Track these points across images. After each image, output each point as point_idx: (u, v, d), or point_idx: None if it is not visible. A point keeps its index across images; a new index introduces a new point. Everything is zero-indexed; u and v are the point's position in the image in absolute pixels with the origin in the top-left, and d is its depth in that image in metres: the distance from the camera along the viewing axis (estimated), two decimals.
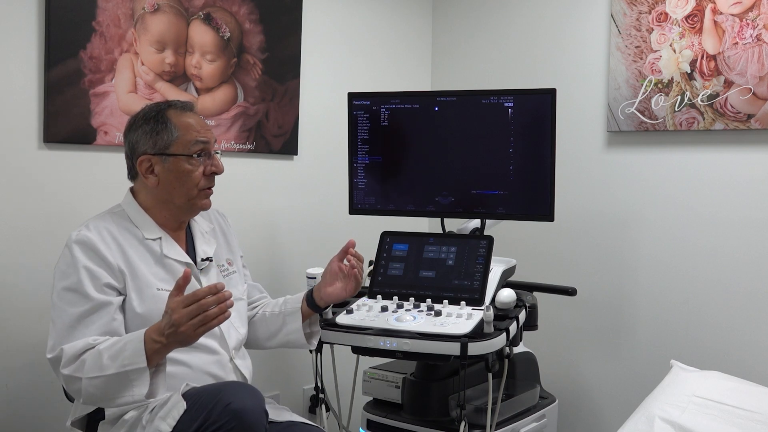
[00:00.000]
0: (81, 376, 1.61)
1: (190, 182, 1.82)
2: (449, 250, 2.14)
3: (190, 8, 2.39)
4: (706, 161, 2.41)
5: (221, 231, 2.04)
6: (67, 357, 1.63)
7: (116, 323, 1.71)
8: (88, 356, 1.63)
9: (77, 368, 1.62)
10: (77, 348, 1.64)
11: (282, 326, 2.03)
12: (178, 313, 1.55)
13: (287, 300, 2.07)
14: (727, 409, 1.92)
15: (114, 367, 1.59)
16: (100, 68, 2.20)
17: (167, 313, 1.57)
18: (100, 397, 1.64)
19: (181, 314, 1.54)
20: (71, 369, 1.63)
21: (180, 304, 1.55)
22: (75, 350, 1.64)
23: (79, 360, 1.63)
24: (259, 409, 1.60)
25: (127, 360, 1.58)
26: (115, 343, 1.63)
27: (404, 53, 3.07)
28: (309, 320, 2.04)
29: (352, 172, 2.35)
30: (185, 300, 1.55)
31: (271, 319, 2.05)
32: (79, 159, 2.20)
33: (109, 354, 1.61)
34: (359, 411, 2.31)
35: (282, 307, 2.05)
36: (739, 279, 2.35)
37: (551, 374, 2.64)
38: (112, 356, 1.60)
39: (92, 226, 1.77)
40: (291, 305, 2.04)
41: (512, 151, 2.17)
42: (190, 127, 1.82)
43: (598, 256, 2.65)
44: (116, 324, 1.71)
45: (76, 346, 1.64)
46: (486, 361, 1.96)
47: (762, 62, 2.25)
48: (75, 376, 1.62)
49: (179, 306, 1.55)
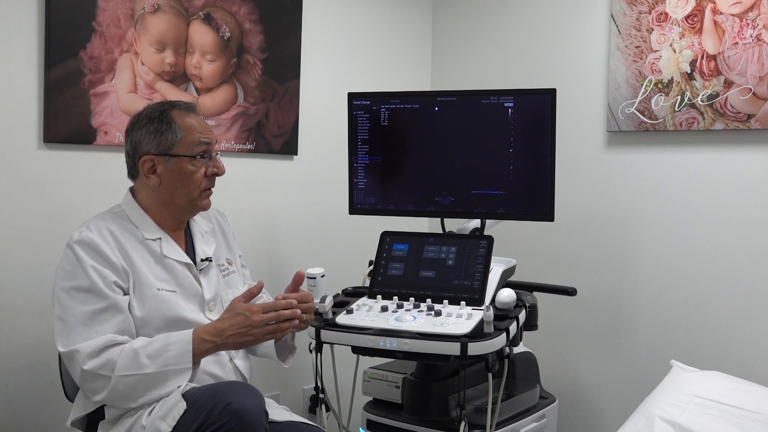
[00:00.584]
0: (110, 374, 1.63)
1: (192, 183, 1.82)
2: (449, 250, 2.15)
3: (190, 8, 2.39)
4: (706, 161, 2.41)
5: (221, 231, 2.04)
6: (87, 352, 1.64)
7: (130, 321, 1.73)
8: (115, 354, 1.64)
9: (104, 365, 1.63)
10: (98, 344, 1.65)
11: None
12: (258, 317, 1.67)
13: None
14: (727, 409, 1.92)
15: (154, 366, 1.64)
16: (100, 68, 2.20)
17: (241, 315, 1.68)
18: (126, 395, 1.66)
19: (262, 318, 1.67)
20: (94, 365, 1.63)
21: (260, 309, 1.68)
22: (95, 346, 1.64)
23: (103, 356, 1.64)
24: (259, 409, 1.60)
25: (171, 360, 1.65)
26: (152, 342, 1.67)
27: (404, 53, 3.07)
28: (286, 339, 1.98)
29: (352, 172, 2.35)
30: (265, 307, 1.69)
31: None
32: (79, 159, 2.20)
33: (148, 353, 1.65)
34: (359, 411, 2.31)
35: None
36: (739, 279, 2.35)
37: (551, 374, 2.64)
38: (151, 355, 1.65)
39: (93, 227, 1.77)
40: None
41: (512, 151, 2.17)
42: (194, 128, 1.83)
43: (598, 256, 2.65)
44: (130, 322, 1.72)
45: (97, 342, 1.65)
46: (486, 361, 1.96)
47: (762, 62, 2.25)
48: (101, 373, 1.63)
49: (259, 310, 1.68)
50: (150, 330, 1.74)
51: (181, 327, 1.76)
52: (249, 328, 1.67)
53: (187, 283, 1.84)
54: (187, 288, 1.84)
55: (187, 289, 1.84)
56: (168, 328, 1.75)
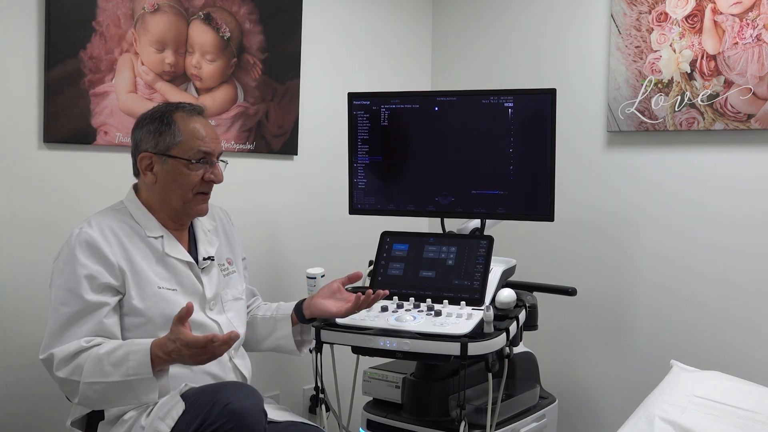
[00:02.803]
0: (78, 379, 1.63)
1: (186, 186, 1.82)
2: (449, 250, 2.15)
3: (190, 8, 2.39)
4: (706, 161, 2.41)
5: (223, 229, 2.04)
6: (58, 359, 1.65)
7: (108, 324, 1.71)
8: (83, 360, 1.64)
9: (73, 371, 1.64)
10: (69, 351, 1.65)
11: (273, 330, 2.03)
12: (189, 351, 1.57)
13: (280, 305, 2.08)
14: (727, 409, 1.92)
15: (117, 375, 1.62)
16: (100, 68, 2.20)
17: (174, 343, 1.58)
18: (99, 400, 1.66)
19: (192, 352, 1.58)
20: (66, 372, 1.64)
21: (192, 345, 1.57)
22: (66, 353, 1.65)
23: (74, 363, 1.64)
24: (257, 409, 1.60)
25: (132, 370, 1.62)
26: (115, 349, 1.65)
27: (404, 53, 3.07)
28: (301, 328, 2.04)
29: (352, 172, 2.35)
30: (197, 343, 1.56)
31: (262, 323, 2.06)
32: (79, 159, 2.20)
33: (110, 360, 1.63)
34: (359, 411, 2.31)
35: (275, 311, 2.06)
36: (739, 279, 2.35)
37: (551, 374, 2.64)
38: (114, 363, 1.63)
39: (94, 223, 1.77)
40: (283, 311, 2.05)
41: (512, 151, 2.17)
42: (196, 134, 1.82)
43: (598, 256, 2.65)
44: (108, 325, 1.71)
45: (68, 349, 1.66)
46: (486, 361, 1.96)
47: (762, 62, 2.25)
48: (71, 379, 1.64)
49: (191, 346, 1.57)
50: (151, 328, 1.75)
51: None
52: (183, 358, 1.60)
53: (188, 281, 1.84)
54: (187, 287, 1.84)
55: (188, 287, 1.84)
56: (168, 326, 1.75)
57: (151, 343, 1.64)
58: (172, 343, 1.59)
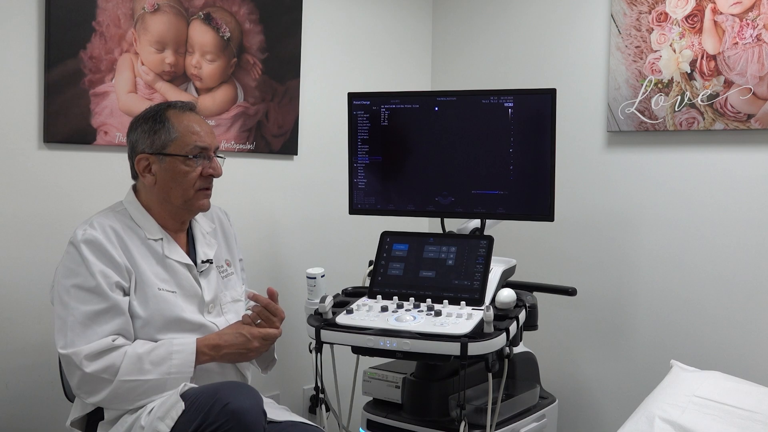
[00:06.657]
0: (112, 378, 1.65)
1: (187, 183, 1.82)
2: (449, 250, 2.14)
3: (190, 8, 2.39)
4: (706, 161, 2.41)
5: (222, 231, 2.04)
6: (86, 354, 1.64)
7: (129, 324, 1.73)
8: (116, 359, 1.66)
9: (106, 369, 1.65)
10: (98, 347, 1.66)
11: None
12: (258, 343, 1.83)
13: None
14: (727, 409, 1.92)
15: (156, 373, 1.68)
16: (100, 68, 2.20)
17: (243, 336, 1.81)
18: (124, 398, 1.68)
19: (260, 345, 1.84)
20: (96, 368, 1.64)
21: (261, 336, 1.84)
22: (94, 349, 1.65)
23: (104, 360, 1.65)
24: (257, 409, 1.60)
25: (174, 368, 1.70)
26: (155, 348, 1.70)
27: (404, 53, 3.07)
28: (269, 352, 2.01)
29: (352, 172, 2.35)
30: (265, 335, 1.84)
31: None
32: (79, 159, 2.20)
33: (151, 359, 1.68)
34: (359, 411, 2.31)
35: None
36: (739, 279, 2.35)
37: (551, 374, 2.64)
38: (154, 362, 1.68)
39: (97, 225, 1.76)
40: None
41: (512, 151, 2.17)
42: (191, 129, 1.82)
43: (598, 256, 2.65)
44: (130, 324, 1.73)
45: (96, 346, 1.66)
46: (486, 361, 1.96)
47: (762, 62, 2.25)
48: (103, 377, 1.65)
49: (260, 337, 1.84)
50: (150, 330, 1.75)
51: (180, 327, 1.77)
52: (247, 351, 1.82)
53: (187, 284, 1.84)
54: (186, 289, 1.84)
55: (187, 290, 1.84)
56: (168, 328, 1.76)
57: (195, 342, 1.74)
58: (234, 338, 1.80)
